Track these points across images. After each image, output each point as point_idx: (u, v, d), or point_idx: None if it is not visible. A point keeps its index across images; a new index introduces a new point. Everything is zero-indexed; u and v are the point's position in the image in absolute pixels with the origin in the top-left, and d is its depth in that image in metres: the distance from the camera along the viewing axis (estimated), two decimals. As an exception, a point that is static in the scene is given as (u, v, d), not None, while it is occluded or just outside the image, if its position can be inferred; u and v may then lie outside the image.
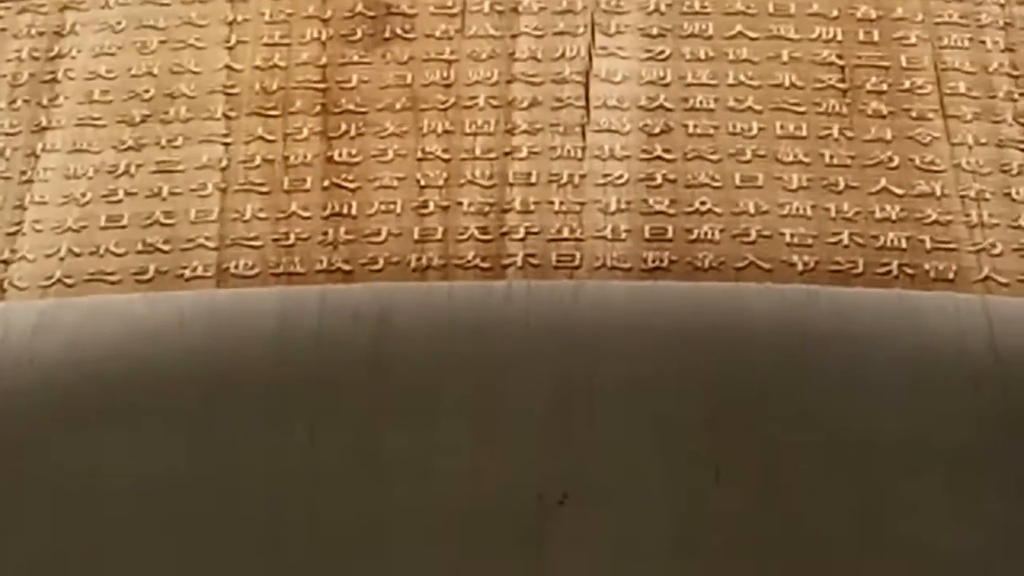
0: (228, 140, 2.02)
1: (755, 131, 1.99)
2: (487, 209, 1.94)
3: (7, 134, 2.04)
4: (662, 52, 2.06)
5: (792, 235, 1.90)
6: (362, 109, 2.04)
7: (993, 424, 1.76)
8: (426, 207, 1.94)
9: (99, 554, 1.73)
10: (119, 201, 1.97)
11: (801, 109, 2.01)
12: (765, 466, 1.75)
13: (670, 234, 1.90)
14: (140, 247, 1.92)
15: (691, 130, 1.99)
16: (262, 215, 1.95)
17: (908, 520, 1.71)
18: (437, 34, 2.10)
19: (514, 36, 2.09)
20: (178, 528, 1.74)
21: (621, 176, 1.95)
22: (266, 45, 2.10)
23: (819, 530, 1.70)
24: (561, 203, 1.94)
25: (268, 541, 1.74)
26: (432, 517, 1.73)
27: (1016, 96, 2.03)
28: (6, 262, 1.92)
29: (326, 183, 1.97)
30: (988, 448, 1.75)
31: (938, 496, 1.73)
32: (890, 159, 1.97)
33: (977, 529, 1.70)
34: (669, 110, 2.01)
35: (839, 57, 2.06)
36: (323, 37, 2.11)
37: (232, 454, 1.79)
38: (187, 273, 1.90)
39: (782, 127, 1.99)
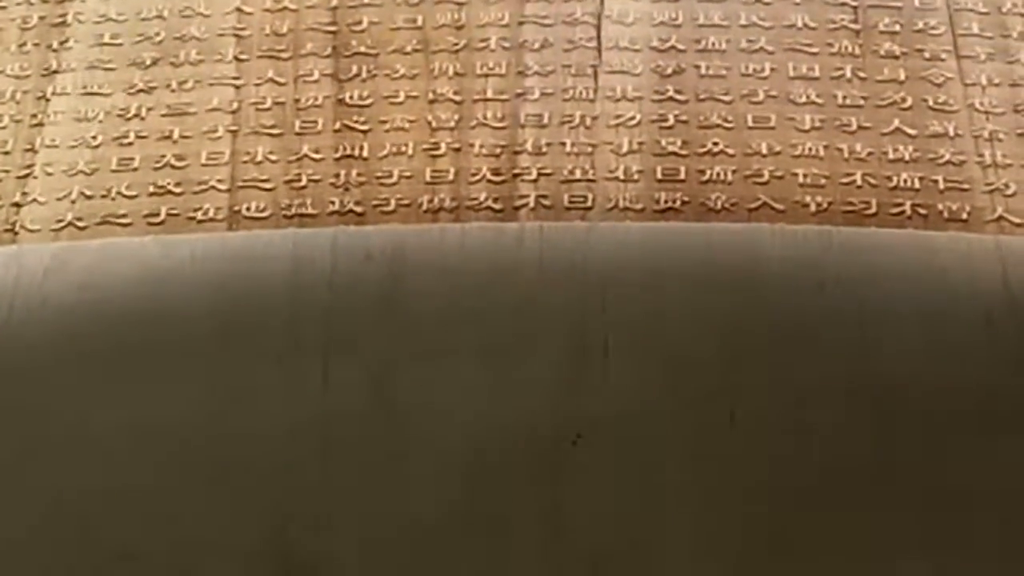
0: (239, 82, 2.01)
1: (767, 72, 1.98)
2: (499, 151, 1.93)
3: (17, 77, 2.03)
4: (674, -9, 2.05)
5: (805, 176, 1.89)
6: (373, 51, 2.03)
7: (1006, 360, 1.75)
8: (438, 149, 1.94)
9: (113, 491, 1.72)
10: (130, 144, 1.96)
11: (814, 50, 2.00)
12: (781, 406, 1.74)
13: (682, 175, 1.90)
14: (152, 190, 1.92)
15: (703, 71, 1.98)
16: (273, 157, 1.94)
17: (922, 457, 1.70)
18: (448, -25, 2.09)
19: (524, -24, 2.08)
20: (190, 466, 1.74)
21: (633, 117, 1.95)
22: (277, -14, 2.09)
23: (836, 469, 1.70)
24: (573, 144, 1.93)
25: (282, 479, 1.73)
26: (446, 455, 1.73)
27: None
28: (18, 205, 1.92)
29: (337, 125, 1.96)
30: (1001, 383, 1.74)
31: (952, 432, 1.72)
32: (903, 99, 1.96)
33: (991, 464, 1.70)
34: (681, 51, 2.00)
35: (851, -3, 2.06)
36: (334, -23, 2.10)
37: (245, 394, 1.78)
38: (199, 215, 1.90)
39: (794, 68, 1.98)
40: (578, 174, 1.91)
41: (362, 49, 2.03)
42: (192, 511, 1.71)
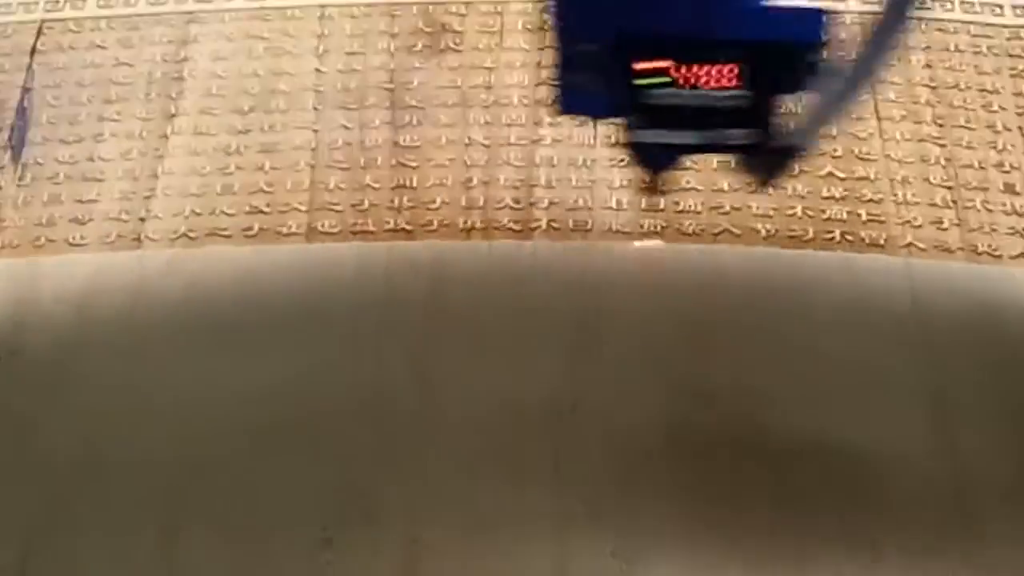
0: (317, 127, 2.02)
1: None
2: (519, 184, 1.95)
3: (144, 119, 2.04)
4: (657, 64, 2.05)
5: (757, 208, 1.91)
6: (421, 105, 2.03)
7: (913, 354, 1.77)
8: (471, 182, 1.95)
9: (212, 452, 1.73)
10: (231, 174, 1.98)
11: None
12: (739, 385, 1.75)
13: (662, 206, 1.91)
14: (247, 209, 1.94)
15: None
16: (343, 186, 1.96)
17: (850, 424, 1.71)
18: (481, 47, 2.09)
19: (540, 49, 2.07)
20: (272, 428, 1.74)
21: (623, 160, 1.95)
22: (347, 54, 2.09)
23: (782, 433, 1.71)
24: (577, 181, 1.95)
25: (344, 439, 1.73)
26: (472, 421, 1.74)
27: (933, 102, 2.02)
28: (142, 219, 1.94)
29: (393, 162, 1.98)
30: (908, 370, 1.76)
31: (872, 405, 1.73)
32: (834, 151, 1.97)
33: (895, 431, 1.71)
34: None
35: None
36: (391, 48, 2.10)
37: (316, 372, 1.79)
38: (284, 231, 1.92)
39: None
40: (580, 204, 1.92)
41: (413, 103, 2.04)
42: (269, 457, 1.71)
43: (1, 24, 2.14)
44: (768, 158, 1.13)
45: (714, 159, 1.93)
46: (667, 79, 1.06)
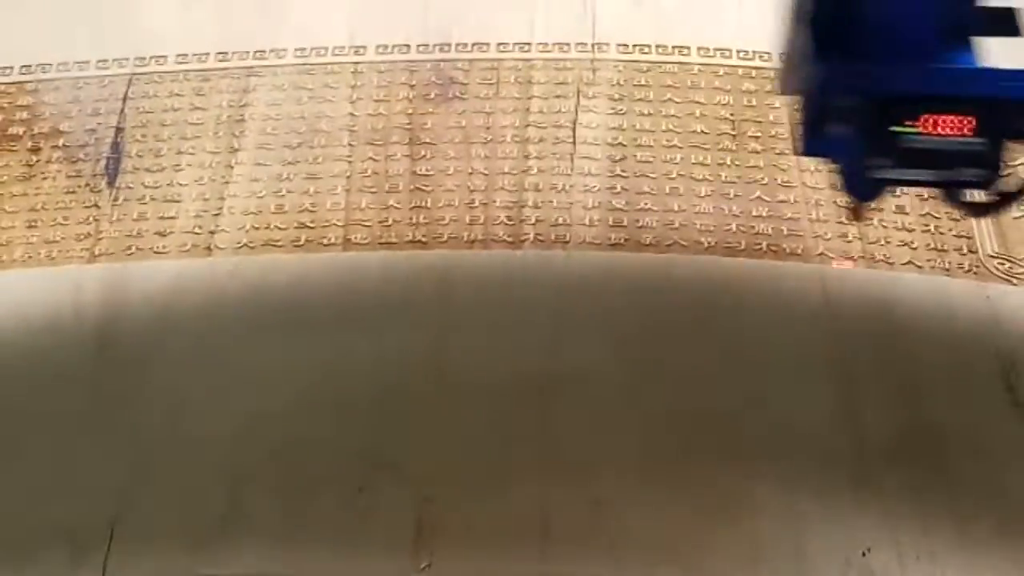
0: (351, 159, 2.01)
1: (679, 160, 1.98)
2: (511, 206, 1.94)
3: (213, 153, 2.03)
4: (622, 109, 2.04)
5: (701, 225, 1.90)
6: (434, 142, 2.02)
7: (824, 342, 1.75)
8: (473, 203, 1.94)
9: (268, 423, 1.72)
10: (283, 196, 1.97)
11: (707, 147, 1.99)
12: (687, 365, 1.75)
13: (625, 223, 1.90)
14: (296, 225, 1.93)
15: (639, 158, 1.98)
16: (371, 206, 1.95)
17: (772, 397, 1.71)
18: (481, 96, 2.08)
19: (529, 98, 2.06)
20: (312, 395, 1.73)
21: (595, 186, 1.95)
22: (375, 100, 2.08)
23: (723, 408, 1.70)
24: (557, 204, 1.94)
25: (373, 405, 1.73)
26: (478, 390, 1.73)
27: None
28: (213, 232, 1.93)
29: (412, 187, 1.97)
30: (819, 355, 1.75)
31: (794, 384, 1.73)
32: (762, 178, 1.96)
33: (809, 404, 1.70)
34: (625, 146, 2.00)
35: (731, 115, 2.03)
36: (411, 96, 2.09)
37: (349, 350, 1.78)
38: (325, 242, 1.91)
39: (695, 158, 1.98)
40: (560, 221, 1.91)
41: (427, 140, 2.03)
42: (313, 426, 1.71)
43: (99, 76, 2.13)
44: (993, 196, 1.13)
45: (666, 184, 1.93)
46: (916, 128, 1.06)
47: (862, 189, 1.21)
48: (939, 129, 1.06)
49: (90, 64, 2.13)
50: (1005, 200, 1.14)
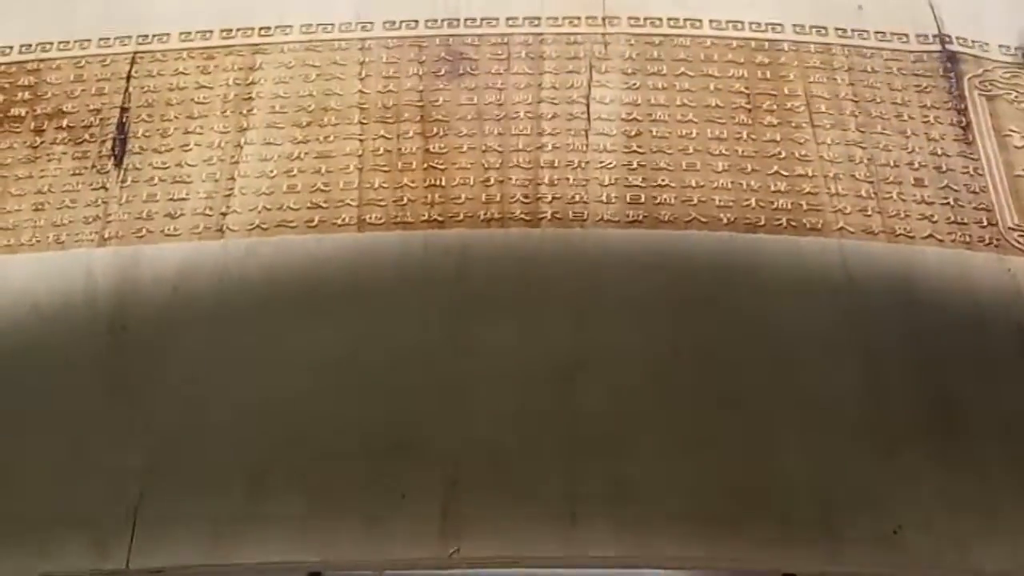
0: (362, 138, 1.97)
1: (695, 135, 1.95)
2: (527, 183, 1.91)
3: (221, 132, 1.98)
4: (635, 84, 2.01)
5: (719, 200, 1.88)
6: (446, 119, 1.99)
7: (846, 317, 1.77)
8: (489, 181, 1.91)
9: (286, 403, 1.72)
10: (295, 176, 1.93)
11: (723, 121, 1.97)
12: (710, 342, 1.74)
13: (643, 200, 1.88)
14: (309, 205, 1.89)
15: (655, 134, 1.95)
16: (385, 186, 1.92)
17: (801, 375, 1.71)
18: (492, 71, 2.04)
19: (542, 73, 2.03)
20: (333, 374, 1.73)
21: (611, 163, 1.93)
22: (385, 77, 2.04)
23: (747, 384, 1.70)
24: (574, 180, 1.91)
25: (392, 386, 1.72)
26: (499, 377, 1.72)
27: (856, 113, 1.98)
28: (224, 214, 1.89)
29: (425, 166, 1.94)
30: (842, 330, 1.75)
31: (819, 359, 1.73)
32: (779, 153, 1.94)
33: (833, 380, 1.71)
34: (640, 121, 1.97)
35: (746, 88, 2.01)
36: (421, 73, 2.04)
37: (368, 337, 1.77)
38: (339, 222, 1.88)
39: (711, 132, 1.95)
40: (577, 199, 1.89)
41: (439, 118, 1.99)
42: (333, 409, 1.71)
43: (101, 55, 2.07)
44: None
45: (683, 160, 1.91)
46: None
47: None
48: None
49: (91, 43, 2.08)
50: None
